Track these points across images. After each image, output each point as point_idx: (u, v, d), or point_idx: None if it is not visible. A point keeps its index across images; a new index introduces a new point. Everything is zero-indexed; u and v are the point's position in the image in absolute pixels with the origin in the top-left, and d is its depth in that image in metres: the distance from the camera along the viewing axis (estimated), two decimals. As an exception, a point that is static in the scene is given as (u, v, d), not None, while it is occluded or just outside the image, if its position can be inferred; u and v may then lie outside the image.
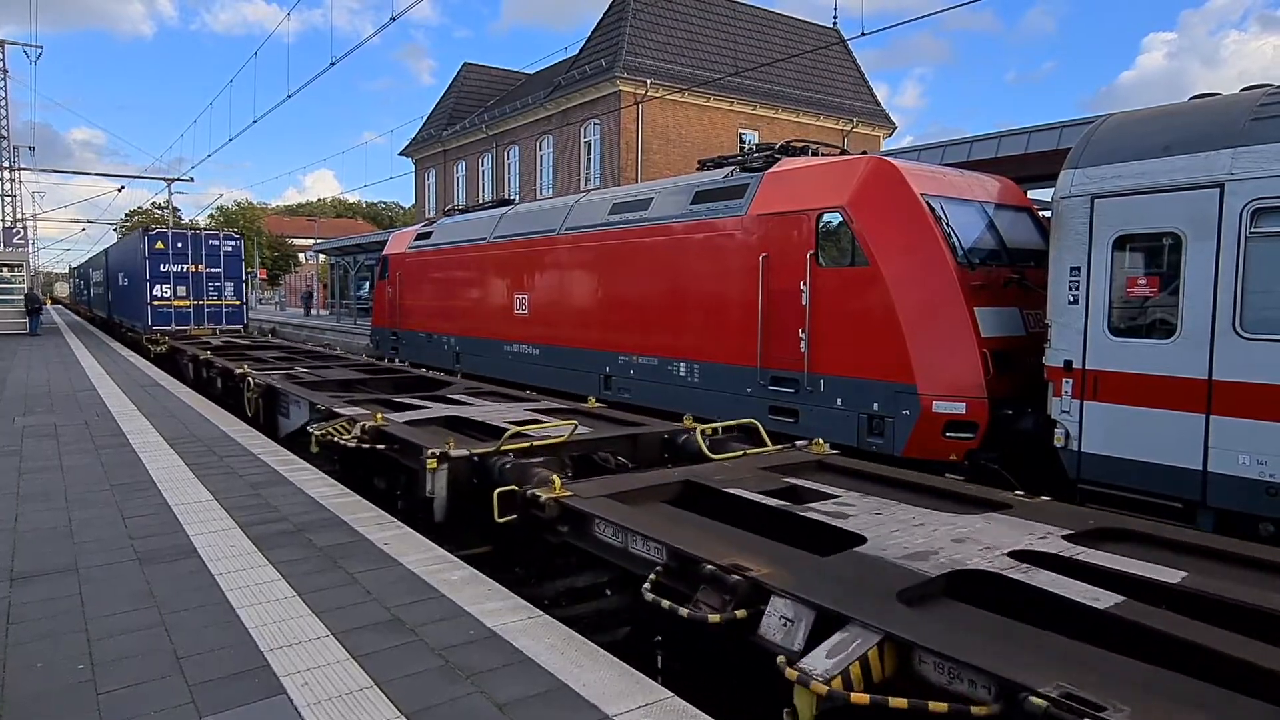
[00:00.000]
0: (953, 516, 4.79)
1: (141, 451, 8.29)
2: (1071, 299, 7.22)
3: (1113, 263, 7.00)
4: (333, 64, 18.35)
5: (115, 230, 61.34)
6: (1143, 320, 6.95)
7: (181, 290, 22.83)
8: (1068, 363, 7.23)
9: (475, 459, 6.05)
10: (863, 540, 4.29)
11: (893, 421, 8.24)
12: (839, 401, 8.75)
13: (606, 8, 32.89)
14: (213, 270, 23.18)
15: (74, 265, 67.61)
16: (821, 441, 6.78)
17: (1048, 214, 8.31)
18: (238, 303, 23.90)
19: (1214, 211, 6.36)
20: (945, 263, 8.17)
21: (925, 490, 5.55)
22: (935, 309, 8.16)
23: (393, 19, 14.28)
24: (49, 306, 48.19)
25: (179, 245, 22.72)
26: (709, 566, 3.86)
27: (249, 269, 22.39)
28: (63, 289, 79.30)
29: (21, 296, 29.02)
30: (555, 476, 5.28)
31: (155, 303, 22.41)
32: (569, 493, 5.10)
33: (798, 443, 6.90)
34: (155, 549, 5.15)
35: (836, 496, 5.24)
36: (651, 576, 4.10)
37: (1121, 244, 6.97)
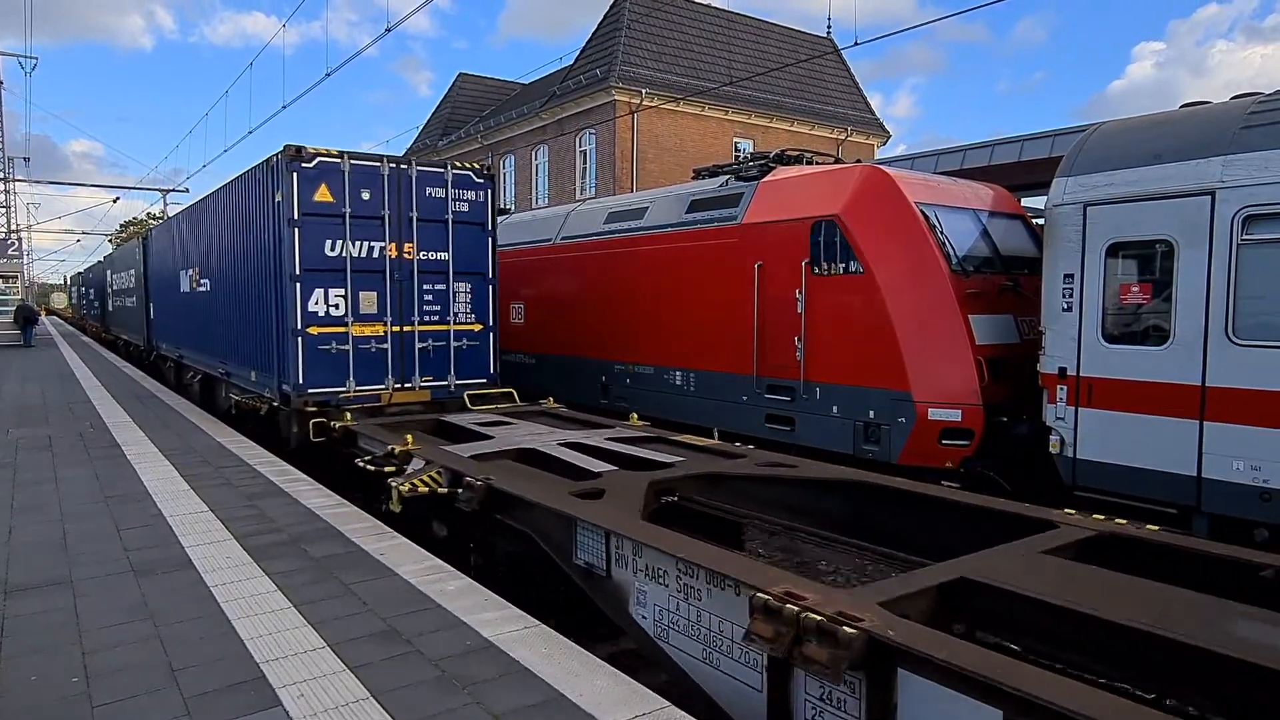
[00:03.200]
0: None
1: (137, 463, 8.27)
2: (1065, 306, 7.25)
3: (1106, 270, 7.03)
4: (328, 75, 18.26)
5: (110, 241, 61.03)
6: (1136, 327, 6.98)
7: (368, 303, 9.62)
8: (1062, 369, 7.26)
9: None
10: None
11: (888, 429, 8.26)
12: (835, 409, 8.76)
13: (602, 17, 33.02)
14: (432, 255, 10.01)
15: (79, 271, 62.98)
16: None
17: (1041, 222, 8.36)
18: (479, 327, 10.44)
19: (1205, 218, 6.40)
20: (939, 270, 8.20)
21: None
22: (930, 316, 8.18)
23: (388, 30, 14.25)
24: (44, 318, 48.12)
25: (365, 195, 9.49)
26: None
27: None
28: (60, 299, 78.98)
29: (14, 308, 29.00)
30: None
31: (311, 330, 9.22)
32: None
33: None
34: (151, 561, 5.13)
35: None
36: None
37: (1114, 251, 7.01)
